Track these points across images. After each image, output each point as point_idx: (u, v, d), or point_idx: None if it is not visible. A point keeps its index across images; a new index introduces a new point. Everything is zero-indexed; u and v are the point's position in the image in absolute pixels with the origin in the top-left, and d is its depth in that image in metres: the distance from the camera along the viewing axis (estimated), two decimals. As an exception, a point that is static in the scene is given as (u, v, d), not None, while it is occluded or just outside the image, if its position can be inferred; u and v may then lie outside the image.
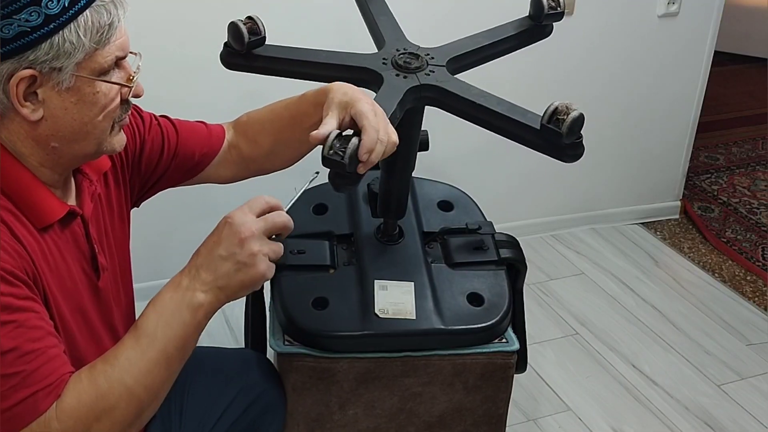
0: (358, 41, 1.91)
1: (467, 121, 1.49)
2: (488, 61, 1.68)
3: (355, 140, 1.20)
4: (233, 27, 1.52)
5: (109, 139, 1.15)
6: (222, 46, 1.57)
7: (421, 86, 1.47)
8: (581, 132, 1.35)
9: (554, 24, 1.72)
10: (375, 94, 1.42)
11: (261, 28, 1.53)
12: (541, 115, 1.35)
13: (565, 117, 1.32)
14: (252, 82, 1.81)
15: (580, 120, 1.32)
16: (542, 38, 1.73)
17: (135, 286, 1.39)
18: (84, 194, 1.22)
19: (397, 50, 1.57)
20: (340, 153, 1.19)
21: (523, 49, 1.74)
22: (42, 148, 1.11)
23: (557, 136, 1.32)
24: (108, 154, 1.20)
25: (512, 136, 1.42)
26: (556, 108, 1.33)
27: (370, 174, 1.75)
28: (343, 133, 1.21)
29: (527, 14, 1.71)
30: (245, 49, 1.53)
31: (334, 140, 1.19)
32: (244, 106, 1.59)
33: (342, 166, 1.19)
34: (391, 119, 1.33)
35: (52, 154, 1.11)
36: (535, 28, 1.69)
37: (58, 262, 1.13)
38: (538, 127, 1.36)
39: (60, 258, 1.14)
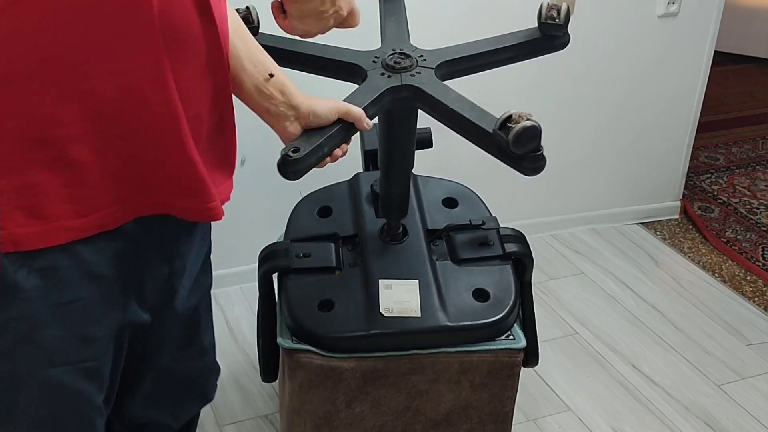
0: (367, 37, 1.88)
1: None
2: (487, 69, 1.58)
3: None
4: None
5: None
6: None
7: (401, 86, 1.43)
8: (540, 145, 1.30)
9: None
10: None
11: (254, 17, 1.48)
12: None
13: (515, 125, 1.26)
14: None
15: (529, 131, 1.26)
16: (549, 51, 1.60)
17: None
18: None
19: (393, 50, 1.56)
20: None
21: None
22: None
23: (505, 144, 1.29)
24: None
25: (477, 143, 1.37)
26: (510, 116, 1.28)
27: (373, 174, 1.75)
28: None
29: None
30: None
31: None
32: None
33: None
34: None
35: None
36: (541, 39, 1.56)
37: None
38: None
39: None
